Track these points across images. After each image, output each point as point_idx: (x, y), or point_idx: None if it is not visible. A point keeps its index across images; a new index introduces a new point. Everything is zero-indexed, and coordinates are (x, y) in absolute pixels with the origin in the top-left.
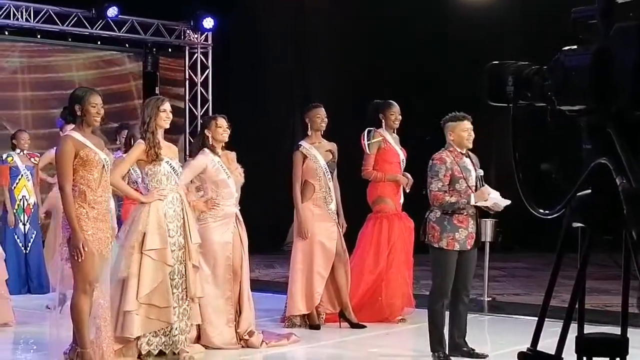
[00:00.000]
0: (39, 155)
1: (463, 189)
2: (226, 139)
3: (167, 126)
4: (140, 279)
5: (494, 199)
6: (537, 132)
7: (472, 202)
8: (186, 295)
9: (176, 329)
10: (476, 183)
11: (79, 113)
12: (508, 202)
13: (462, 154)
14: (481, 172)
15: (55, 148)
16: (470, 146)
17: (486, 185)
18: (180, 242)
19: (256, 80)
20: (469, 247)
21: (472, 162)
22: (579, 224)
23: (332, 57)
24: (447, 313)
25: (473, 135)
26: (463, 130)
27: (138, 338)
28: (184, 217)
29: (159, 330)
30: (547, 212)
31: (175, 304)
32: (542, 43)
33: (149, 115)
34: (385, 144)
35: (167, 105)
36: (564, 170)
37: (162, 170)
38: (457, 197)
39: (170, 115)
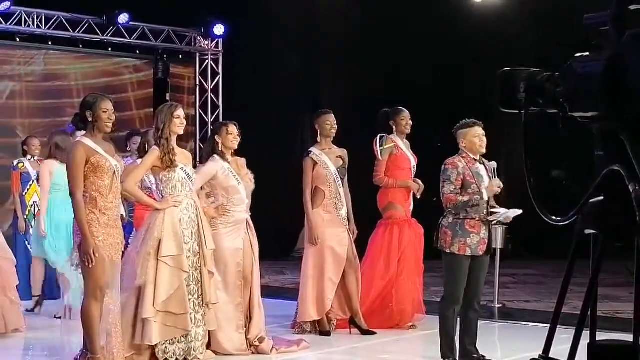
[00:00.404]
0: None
1: (476, 192)
2: (236, 147)
3: (181, 132)
4: (157, 286)
5: (505, 212)
6: (548, 138)
7: (485, 197)
8: (202, 302)
9: (193, 335)
10: (489, 175)
11: (90, 119)
12: (519, 212)
13: (475, 160)
14: (494, 165)
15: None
16: (484, 151)
17: (498, 180)
18: (195, 248)
19: (266, 86)
20: (480, 253)
21: (485, 168)
22: (591, 231)
23: (342, 62)
24: (458, 320)
25: (485, 141)
26: (474, 136)
27: (155, 345)
28: (198, 223)
29: (175, 337)
30: (559, 219)
31: (192, 311)
32: (554, 47)
33: (163, 122)
34: (397, 150)
35: (180, 112)
36: (576, 177)
37: (176, 177)
38: (469, 196)
39: (184, 122)
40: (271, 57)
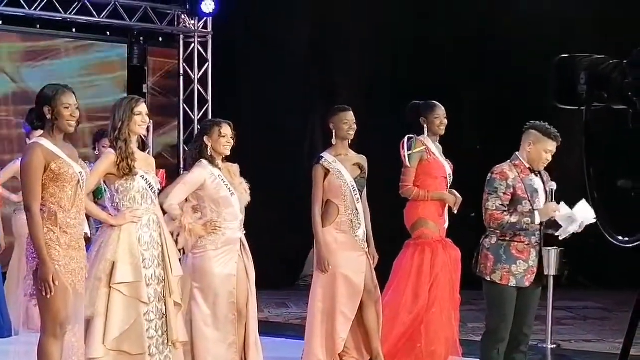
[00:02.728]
0: (0, 168)
1: (526, 212)
2: (228, 152)
3: (143, 132)
4: (108, 320)
5: (573, 218)
6: (613, 139)
7: (537, 222)
8: (168, 340)
9: None
10: (546, 193)
11: (48, 116)
12: (591, 217)
13: (530, 170)
14: (554, 186)
15: (20, 158)
16: (542, 169)
17: (555, 203)
18: (159, 274)
19: (267, 77)
20: (526, 284)
21: (542, 180)
22: None
23: (362, 47)
24: None
25: (550, 159)
26: (545, 151)
27: None
28: (162, 245)
29: None
30: (626, 239)
31: (156, 351)
32: (621, 31)
33: (121, 119)
34: (428, 155)
35: (142, 107)
36: None
37: (136, 187)
38: (518, 217)
39: (147, 119)
40: (273, 41)
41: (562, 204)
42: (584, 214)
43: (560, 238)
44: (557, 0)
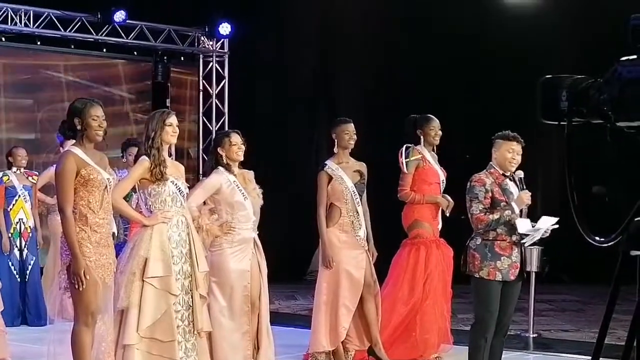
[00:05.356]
0: (37, 173)
1: (505, 207)
2: (241, 158)
3: (174, 141)
4: (142, 310)
5: (538, 230)
6: (587, 150)
7: (516, 211)
8: (193, 329)
9: None
10: (518, 189)
11: (79, 127)
12: (553, 220)
13: (504, 175)
14: (521, 174)
15: (54, 165)
16: (513, 169)
17: (527, 191)
18: (186, 269)
19: (277, 93)
20: (512, 278)
21: (515, 184)
22: (638, 252)
23: (364, 66)
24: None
25: (518, 160)
26: (507, 150)
27: None
28: (189, 243)
29: None
30: (602, 239)
31: (182, 338)
32: (599, 53)
33: (154, 130)
34: (424, 163)
35: (173, 119)
36: (620, 193)
37: (167, 191)
38: (499, 212)
39: (177, 130)
40: (282, 60)
41: (523, 220)
42: (544, 223)
43: (527, 245)
44: (544, 21)
